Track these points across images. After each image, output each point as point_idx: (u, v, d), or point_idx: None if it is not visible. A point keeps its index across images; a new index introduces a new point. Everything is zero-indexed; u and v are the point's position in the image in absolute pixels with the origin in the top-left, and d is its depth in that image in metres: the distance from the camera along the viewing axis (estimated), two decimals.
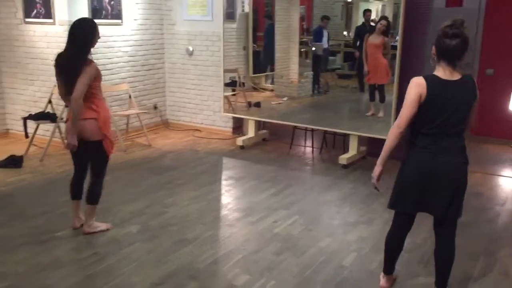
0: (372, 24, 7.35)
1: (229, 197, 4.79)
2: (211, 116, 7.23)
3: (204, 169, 5.60)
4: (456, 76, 2.63)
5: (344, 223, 4.18)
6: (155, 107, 7.38)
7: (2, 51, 6.48)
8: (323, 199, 4.72)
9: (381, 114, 6.42)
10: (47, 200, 4.52)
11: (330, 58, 11.84)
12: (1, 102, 6.65)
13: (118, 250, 3.62)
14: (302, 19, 8.32)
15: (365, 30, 7.36)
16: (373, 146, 5.73)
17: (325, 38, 8.32)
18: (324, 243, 3.77)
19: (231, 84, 7.13)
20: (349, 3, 8.89)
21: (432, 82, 2.61)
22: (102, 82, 3.87)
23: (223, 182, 5.23)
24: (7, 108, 6.70)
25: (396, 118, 2.76)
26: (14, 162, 5.44)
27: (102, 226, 3.90)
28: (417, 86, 2.61)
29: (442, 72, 2.63)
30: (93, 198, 3.78)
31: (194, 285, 3.16)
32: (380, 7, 8.51)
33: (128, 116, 6.68)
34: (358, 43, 7.62)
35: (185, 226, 4.04)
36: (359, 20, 8.33)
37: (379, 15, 8.01)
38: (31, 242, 3.70)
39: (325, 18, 8.06)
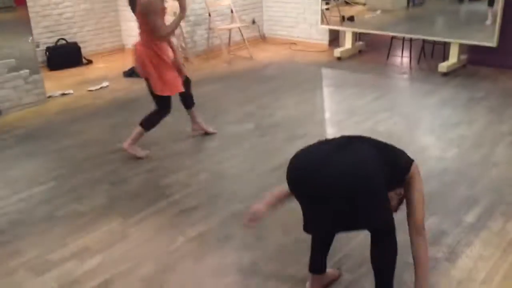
0: None
1: (332, 101, 5.14)
2: (307, 29, 7.43)
3: (305, 78, 5.96)
4: None
5: (445, 123, 4.40)
6: (253, 22, 7.69)
7: None
8: (423, 103, 4.93)
9: (488, 21, 6.26)
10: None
11: None
12: (116, 20, 7.30)
13: (240, 142, 4.16)
14: None
15: None
16: (474, 53, 5.73)
17: None
18: (425, 139, 4.06)
19: None
20: None
21: None
22: None
23: (325, 89, 5.57)
24: (122, 25, 7.35)
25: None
26: (136, 73, 6.10)
27: (140, 153, 3.90)
28: None
29: None
30: (146, 123, 3.87)
31: None
32: None
33: (230, 30, 7.08)
34: None
35: (293, 125, 4.49)
36: None
37: None
38: (168, 134, 4.34)
39: None
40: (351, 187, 1.90)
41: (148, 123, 3.86)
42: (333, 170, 1.93)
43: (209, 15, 6.69)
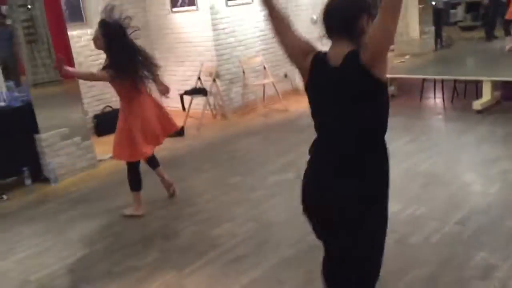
0: None
1: None
2: None
3: None
4: None
5: (484, 159, 4.43)
6: (285, 76, 7.99)
7: (155, 39, 7.53)
8: (460, 141, 4.98)
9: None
10: (211, 158, 5.39)
11: (451, 11, 11.56)
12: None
13: (282, 192, 4.29)
14: None
15: None
16: (508, 89, 5.78)
17: None
18: (467, 176, 4.09)
19: None
20: None
21: None
22: (240, 56, 4.32)
23: None
24: None
25: None
26: (179, 132, 6.41)
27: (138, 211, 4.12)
28: None
29: None
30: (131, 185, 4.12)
31: None
32: None
33: (264, 85, 7.37)
34: None
35: None
36: None
37: None
38: (213, 187, 4.53)
39: None
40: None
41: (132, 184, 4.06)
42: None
43: (243, 72, 7.02)
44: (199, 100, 6.93)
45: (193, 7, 6.82)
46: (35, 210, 4.49)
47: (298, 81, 8.14)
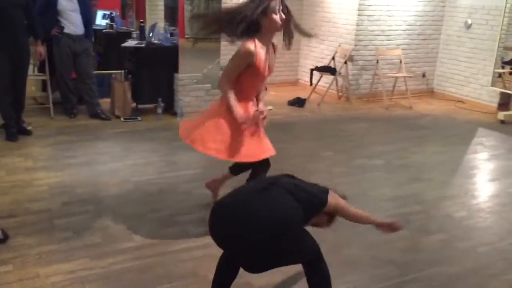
0: None
1: (475, 158, 5.10)
2: (478, 89, 7.31)
3: (456, 132, 5.96)
4: None
5: None
6: (424, 75, 7.85)
7: (305, 14, 7.96)
8: None
9: None
10: (317, 131, 5.74)
11: None
12: (296, 56, 8.21)
13: (363, 172, 4.49)
14: None
15: None
16: None
17: None
18: None
19: (511, 62, 7.03)
20: None
21: None
22: (379, 46, 4.22)
23: (472, 146, 5.51)
24: (300, 62, 8.24)
25: None
26: (299, 102, 6.85)
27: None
28: None
29: None
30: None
31: (417, 207, 3.80)
32: None
33: (396, 78, 7.38)
34: None
35: (422, 169, 4.63)
36: None
37: None
38: (304, 154, 4.91)
39: None
40: (271, 234, 2.04)
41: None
42: (253, 222, 2.05)
43: (377, 62, 7.12)
44: (328, 79, 7.24)
45: None
46: (157, 133, 5.34)
47: (437, 83, 7.95)
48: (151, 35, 5.99)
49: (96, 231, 3.22)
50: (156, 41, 5.98)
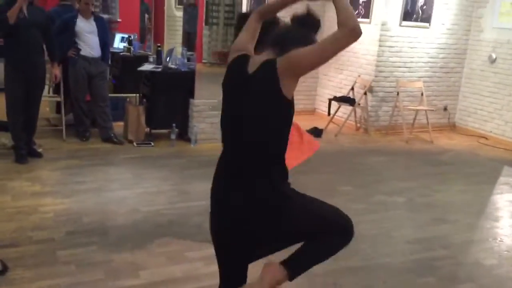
0: None
1: (501, 199, 4.85)
2: (502, 126, 7.07)
3: (481, 170, 5.70)
4: None
5: None
6: (445, 109, 7.64)
7: None
8: None
9: None
10: (335, 163, 5.53)
11: None
12: (314, 85, 8.07)
13: (385, 210, 4.26)
14: None
15: None
16: None
17: None
18: None
19: None
20: None
21: None
22: (400, 77, 4.13)
23: (498, 186, 5.25)
24: (318, 91, 8.09)
25: None
26: (316, 132, 6.65)
27: None
28: None
29: None
30: None
31: (443, 252, 3.55)
32: None
33: (416, 111, 7.18)
34: None
35: (447, 209, 4.38)
36: None
37: None
38: (321, 188, 4.70)
39: None
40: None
41: None
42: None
43: (398, 94, 6.94)
44: (346, 110, 7.07)
45: (366, 20, 6.94)
46: (169, 160, 5.18)
47: (458, 117, 7.73)
48: (168, 59, 5.89)
49: (100, 265, 3.03)
50: (173, 66, 5.88)
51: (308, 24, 1.96)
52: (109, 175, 4.67)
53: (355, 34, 1.74)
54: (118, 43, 7.28)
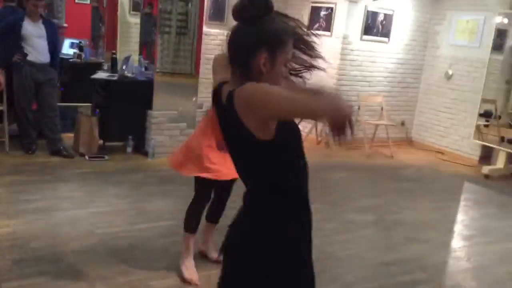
0: None
1: (465, 216, 4.84)
2: (458, 141, 7.17)
3: (444, 187, 5.70)
4: None
5: None
6: (403, 123, 7.68)
7: None
8: None
9: None
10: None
11: None
12: None
13: (355, 229, 4.10)
14: None
15: None
16: None
17: None
18: None
19: (486, 115, 6.95)
20: None
21: None
22: (360, 91, 4.12)
23: (462, 202, 5.27)
24: None
25: None
26: None
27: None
28: None
29: None
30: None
31: (423, 275, 3.42)
32: None
33: (376, 126, 7.16)
34: None
35: (418, 228, 4.29)
36: None
37: None
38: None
39: None
40: None
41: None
42: None
43: (359, 108, 6.89)
44: (307, 123, 6.92)
45: (328, 33, 6.87)
46: (125, 175, 4.80)
47: (415, 131, 7.80)
48: (124, 67, 5.52)
49: None
50: (129, 74, 5.51)
51: (252, 16, 1.46)
52: (59, 192, 4.25)
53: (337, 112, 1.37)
54: (67, 49, 6.81)
